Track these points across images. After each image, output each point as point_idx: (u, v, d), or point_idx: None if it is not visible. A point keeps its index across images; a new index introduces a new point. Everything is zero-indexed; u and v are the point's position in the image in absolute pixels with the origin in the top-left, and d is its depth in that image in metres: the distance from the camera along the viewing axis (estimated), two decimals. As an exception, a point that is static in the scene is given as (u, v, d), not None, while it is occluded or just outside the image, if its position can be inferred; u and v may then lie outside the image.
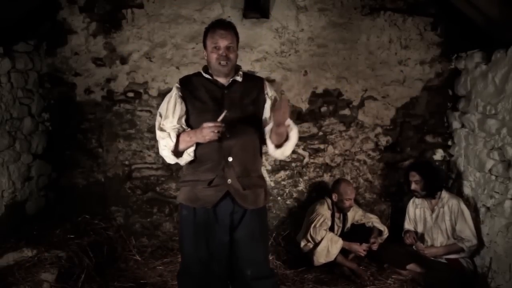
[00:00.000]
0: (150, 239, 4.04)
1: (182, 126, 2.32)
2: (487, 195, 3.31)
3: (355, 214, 3.80)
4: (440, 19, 3.90)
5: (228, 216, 2.33)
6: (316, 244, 3.50)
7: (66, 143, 3.94)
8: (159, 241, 4.03)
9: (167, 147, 2.29)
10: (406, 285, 3.39)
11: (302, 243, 3.61)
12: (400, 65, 3.97)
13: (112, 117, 3.94)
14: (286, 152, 2.38)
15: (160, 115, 2.34)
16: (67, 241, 3.37)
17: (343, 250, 3.55)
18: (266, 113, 2.40)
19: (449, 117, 4.00)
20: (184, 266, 2.48)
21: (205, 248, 2.35)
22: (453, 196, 3.57)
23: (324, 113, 4.02)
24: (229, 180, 2.29)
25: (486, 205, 3.33)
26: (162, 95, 3.83)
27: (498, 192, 3.16)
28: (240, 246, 2.36)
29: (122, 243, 3.83)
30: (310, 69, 3.94)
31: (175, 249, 3.87)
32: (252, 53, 3.88)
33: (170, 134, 2.27)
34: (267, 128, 2.38)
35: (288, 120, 2.25)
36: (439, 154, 4.07)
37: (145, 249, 3.92)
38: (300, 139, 4.00)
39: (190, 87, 2.36)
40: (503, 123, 3.12)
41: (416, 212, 3.68)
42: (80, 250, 3.26)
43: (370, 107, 4.02)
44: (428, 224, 3.61)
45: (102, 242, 3.60)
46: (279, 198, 4.11)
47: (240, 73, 2.38)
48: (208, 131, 2.16)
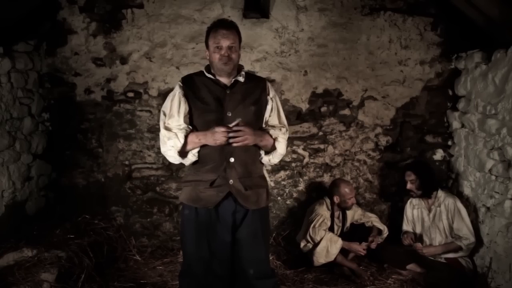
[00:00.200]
0: (150, 239, 4.04)
1: (189, 126, 2.31)
2: (487, 195, 3.31)
3: (355, 214, 3.80)
4: (440, 19, 3.90)
5: (230, 216, 2.33)
6: (316, 244, 3.50)
7: (66, 143, 3.94)
8: (159, 241, 4.03)
9: (175, 148, 2.28)
10: (406, 285, 3.39)
11: (302, 244, 3.61)
12: (400, 65, 3.97)
13: (112, 117, 3.94)
14: (273, 161, 2.47)
15: (164, 114, 2.32)
16: (67, 241, 3.37)
17: (343, 250, 3.55)
18: (267, 114, 2.41)
19: (449, 117, 3.99)
20: (186, 266, 2.48)
21: (207, 248, 2.35)
22: (449, 195, 3.57)
23: (324, 113, 4.02)
24: (231, 181, 2.29)
25: (486, 205, 3.33)
26: (162, 95, 3.84)
27: (498, 192, 3.17)
28: (243, 246, 2.36)
29: (122, 243, 3.83)
30: (310, 69, 3.94)
31: (175, 249, 3.88)
32: (252, 53, 3.88)
33: (178, 135, 2.27)
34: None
35: (277, 132, 2.37)
36: (439, 154, 4.07)
37: (145, 249, 3.92)
38: (300, 139, 4.02)
39: (193, 87, 2.34)
40: (503, 123, 3.12)
41: (414, 213, 3.69)
42: (80, 250, 3.26)
43: (370, 107, 4.02)
44: (426, 224, 3.62)
45: (102, 242, 3.59)
46: (279, 198, 4.11)
47: (243, 73, 2.37)
48: (221, 136, 2.18)
